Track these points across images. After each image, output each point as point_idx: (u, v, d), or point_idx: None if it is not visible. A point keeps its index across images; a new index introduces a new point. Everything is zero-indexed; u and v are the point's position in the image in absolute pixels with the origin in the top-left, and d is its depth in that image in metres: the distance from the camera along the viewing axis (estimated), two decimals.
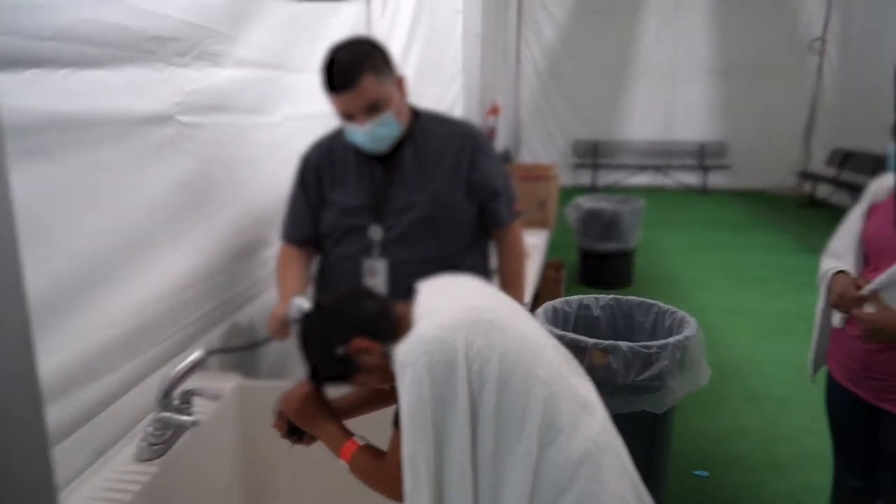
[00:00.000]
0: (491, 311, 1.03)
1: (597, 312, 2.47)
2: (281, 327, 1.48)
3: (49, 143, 1.11)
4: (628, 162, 9.80)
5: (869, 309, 1.48)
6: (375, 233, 1.59)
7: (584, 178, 9.82)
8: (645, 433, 2.13)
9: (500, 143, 8.40)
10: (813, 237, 6.48)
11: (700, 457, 2.67)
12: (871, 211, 1.61)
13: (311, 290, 1.72)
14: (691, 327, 2.13)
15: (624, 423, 2.04)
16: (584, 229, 4.83)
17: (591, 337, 2.29)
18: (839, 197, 7.89)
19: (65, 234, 1.14)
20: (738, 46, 9.24)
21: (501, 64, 8.52)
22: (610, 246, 4.77)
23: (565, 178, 9.76)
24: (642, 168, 9.76)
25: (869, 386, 1.55)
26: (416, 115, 1.65)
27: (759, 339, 3.94)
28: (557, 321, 2.40)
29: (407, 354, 0.96)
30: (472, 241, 1.69)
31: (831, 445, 1.79)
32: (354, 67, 1.44)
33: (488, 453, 0.95)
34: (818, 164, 8.89)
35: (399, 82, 1.56)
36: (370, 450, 1.10)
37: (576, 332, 2.44)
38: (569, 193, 5.91)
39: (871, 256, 1.56)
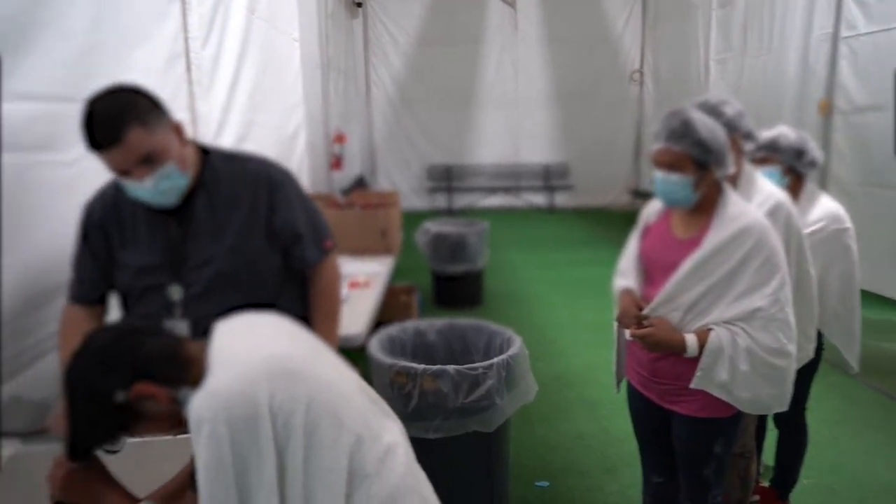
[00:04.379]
0: (293, 359, 0.99)
1: (432, 337, 2.52)
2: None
3: None
4: (480, 185, 10.21)
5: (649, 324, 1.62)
6: (175, 292, 1.49)
7: (441, 201, 10.08)
8: (482, 452, 2.19)
9: (354, 169, 8.41)
10: None
11: (542, 467, 2.79)
12: (645, 232, 1.80)
13: None
14: (516, 346, 2.24)
15: (460, 444, 2.11)
16: (433, 253, 4.94)
17: (427, 362, 2.33)
18: None
19: None
20: (570, 76, 10.02)
21: (352, 91, 8.56)
22: (459, 268, 4.91)
23: (422, 203, 9.98)
24: (493, 190, 10.20)
25: (657, 390, 1.71)
26: (205, 157, 1.54)
27: (597, 349, 4.21)
28: (394, 348, 2.42)
29: (203, 410, 0.89)
30: (283, 287, 1.61)
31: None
32: (116, 120, 1.30)
33: None
34: (647, 183, 9.81)
35: (176, 129, 1.44)
36: None
37: (414, 357, 2.47)
38: (425, 217, 6.02)
39: (648, 272, 1.73)
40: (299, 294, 1.70)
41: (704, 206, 1.63)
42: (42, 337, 1.68)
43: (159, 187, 1.39)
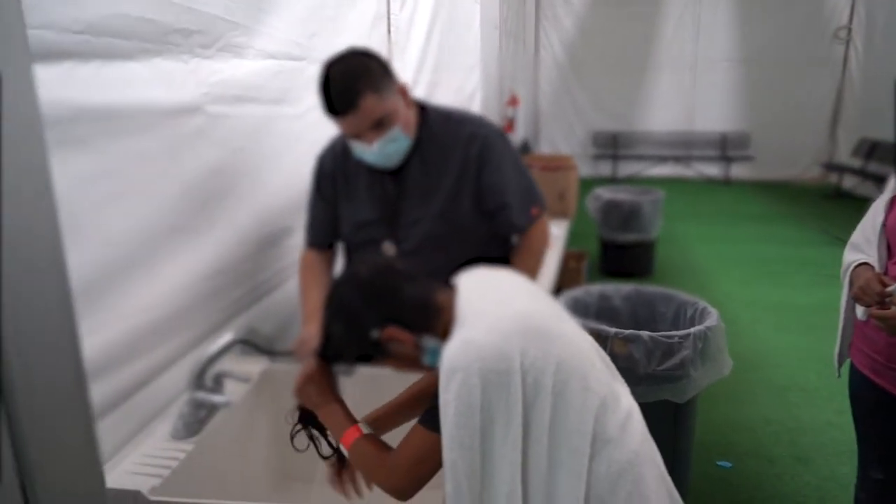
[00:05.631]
0: (541, 317, 0.98)
1: (617, 302, 2.47)
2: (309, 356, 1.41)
3: (84, 133, 1.14)
4: (648, 153, 9.71)
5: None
6: (389, 248, 1.56)
7: (604, 168, 9.76)
8: (668, 423, 2.13)
9: (519, 133, 8.38)
10: (838, 229, 6.38)
11: (723, 447, 2.66)
12: (894, 201, 1.59)
13: None
14: (713, 318, 2.12)
15: (646, 412, 2.04)
16: (604, 219, 4.81)
17: (611, 327, 2.29)
18: (866, 188, 7.72)
19: (99, 222, 1.18)
20: (761, 35, 9.09)
21: (521, 54, 8.48)
22: (630, 236, 4.75)
23: (584, 169, 9.70)
24: (663, 159, 9.66)
25: (893, 378, 1.53)
26: (423, 116, 1.56)
27: (782, 332, 3.90)
28: (578, 310, 2.40)
29: (457, 359, 0.91)
30: (488, 250, 1.59)
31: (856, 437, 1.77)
32: (352, 88, 1.35)
33: (542, 470, 0.92)
34: (844, 155, 8.73)
35: (402, 91, 1.47)
36: (373, 439, 1.06)
37: (598, 321, 2.44)
38: (588, 184, 5.88)
39: (894, 248, 1.54)
40: (503, 259, 1.68)
41: None
42: (276, 271, 1.89)
43: (385, 150, 1.44)
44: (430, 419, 0.95)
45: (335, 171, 1.63)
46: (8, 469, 0.80)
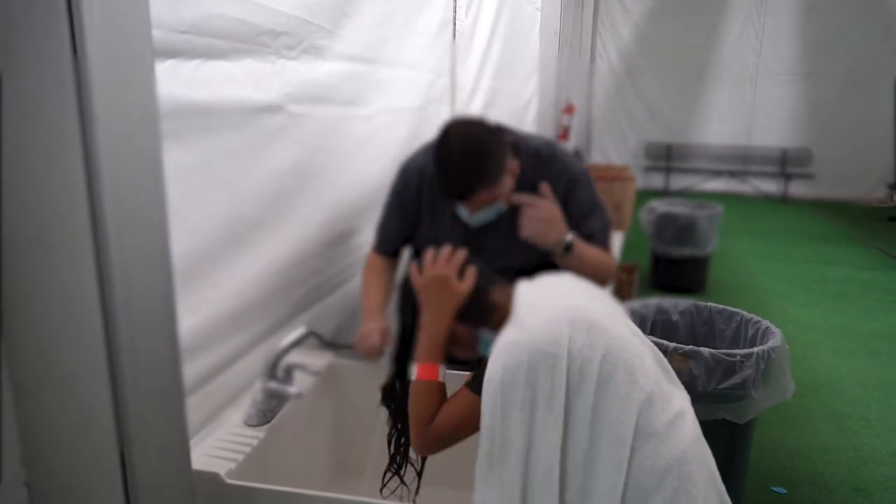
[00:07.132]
0: (592, 312, 1.02)
1: (675, 317, 2.42)
2: (370, 351, 1.44)
3: (179, 128, 1.20)
4: (703, 166, 9.50)
5: None
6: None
7: (657, 181, 9.58)
8: (723, 443, 2.09)
9: (572, 142, 8.32)
10: None
11: (778, 472, 2.59)
12: None
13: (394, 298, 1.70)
14: (776, 338, 2.07)
15: (703, 431, 2.02)
16: (657, 233, 4.72)
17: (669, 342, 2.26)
18: None
19: (188, 213, 1.23)
20: (828, 48, 8.79)
21: (576, 61, 8.42)
22: (685, 251, 4.65)
23: (636, 181, 9.56)
24: (718, 173, 9.44)
25: None
26: (516, 158, 1.53)
27: (843, 357, 3.76)
28: (634, 324, 2.37)
29: (509, 336, 0.99)
30: None
31: None
32: (469, 180, 1.38)
33: (580, 453, 0.95)
34: None
35: (511, 170, 1.48)
36: (440, 393, 1.09)
37: (652, 335, 2.41)
38: (640, 196, 5.79)
39: None
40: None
41: None
42: (340, 269, 1.93)
43: (481, 219, 1.51)
44: (478, 385, 1.00)
45: (421, 188, 1.65)
46: (109, 451, 0.85)
